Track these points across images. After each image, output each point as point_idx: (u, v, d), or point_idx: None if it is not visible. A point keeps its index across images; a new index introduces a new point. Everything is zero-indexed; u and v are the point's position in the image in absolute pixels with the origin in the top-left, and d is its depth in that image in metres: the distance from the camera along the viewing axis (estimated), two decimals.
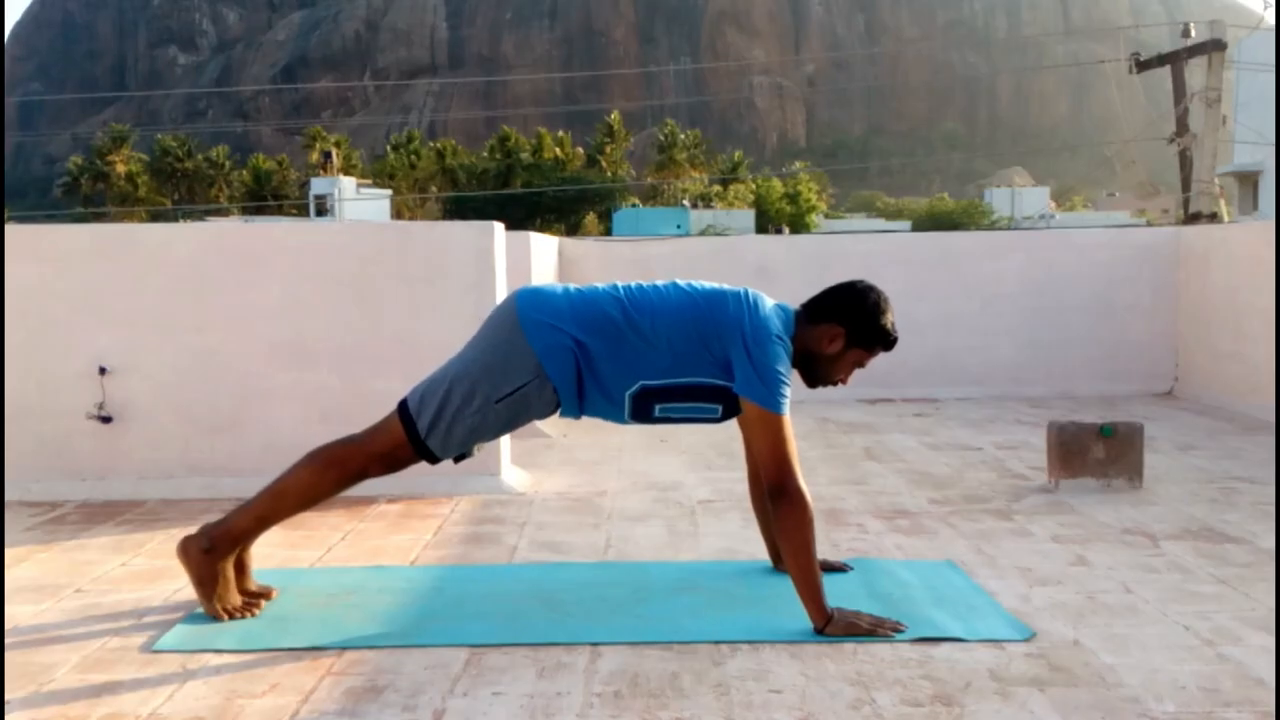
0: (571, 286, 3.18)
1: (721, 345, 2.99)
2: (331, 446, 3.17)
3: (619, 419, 3.15)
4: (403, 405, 3.11)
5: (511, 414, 3.07)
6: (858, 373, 3.26)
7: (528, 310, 3.06)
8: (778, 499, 2.94)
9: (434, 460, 3.12)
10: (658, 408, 3.09)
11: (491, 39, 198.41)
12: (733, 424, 3.23)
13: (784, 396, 2.97)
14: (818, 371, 3.17)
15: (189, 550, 3.11)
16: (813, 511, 2.96)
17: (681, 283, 3.15)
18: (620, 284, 3.15)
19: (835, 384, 3.21)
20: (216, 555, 3.11)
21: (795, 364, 3.12)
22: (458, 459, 3.18)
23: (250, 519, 3.15)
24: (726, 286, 3.12)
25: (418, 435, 3.06)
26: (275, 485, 3.19)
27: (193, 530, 3.21)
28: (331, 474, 3.14)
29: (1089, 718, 2.40)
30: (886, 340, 3.15)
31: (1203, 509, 4.37)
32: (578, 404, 3.09)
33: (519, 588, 3.40)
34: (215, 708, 2.50)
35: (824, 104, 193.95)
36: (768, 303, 3.08)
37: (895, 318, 3.17)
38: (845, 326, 3.10)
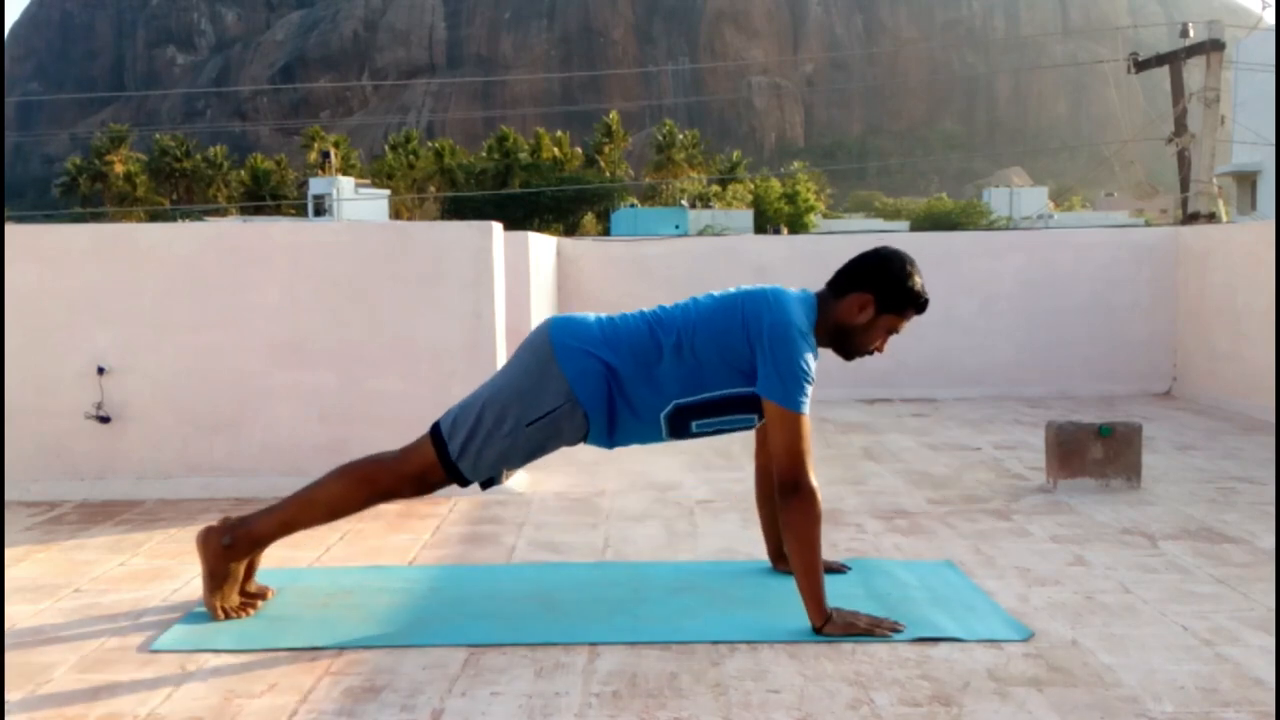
0: (603, 315, 3.20)
1: (748, 351, 3.00)
2: (364, 463, 3.16)
3: (656, 439, 3.16)
4: (435, 428, 3.13)
5: (542, 438, 3.09)
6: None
7: (561, 336, 3.09)
8: (790, 494, 2.93)
9: (464, 483, 3.13)
10: (694, 424, 3.11)
11: (490, 39, 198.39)
12: None
13: (804, 395, 2.97)
14: (851, 343, 3.16)
15: (208, 542, 3.12)
16: (822, 510, 2.96)
17: (704, 295, 3.16)
18: (647, 309, 3.19)
19: (870, 353, 3.21)
20: (234, 553, 3.12)
21: (827, 342, 3.13)
22: (485, 485, 3.19)
23: (274, 524, 3.16)
24: (748, 287, 3.12)
25: (449, 457, 3.08)
26: (304, 494, 3.18)
27: (212, 522, 3.21)
28: (362, 491, 3.14)
29: (1087, 718, 2.40)
30: (917, 302, 3.12)
31: (1201, 509, 4.37)
32: (608, 430, 3.10)
33: (517, 588, 3.40)
34: (213, 708, 2.50)
35: (822, 104, 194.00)
36: (790, 295, 3.07)
37: (923, 280, 3.15)
38: (874, 292, 3.09)
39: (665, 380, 3.04)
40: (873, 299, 3.09)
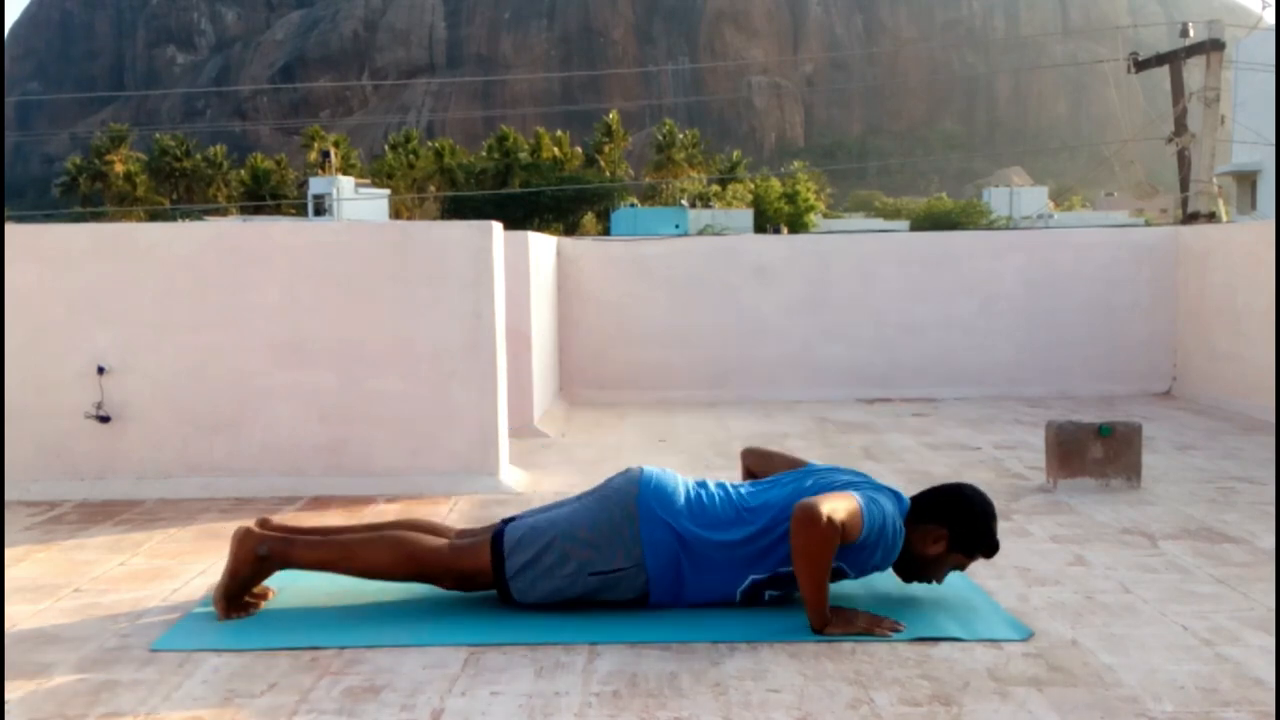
0: (692, 481, 3.20)
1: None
2: (419, 541, 3.16)
3: (726, 600, 3.14)
4: (498, 536, 3.12)
5: (599, 587, 3.09)
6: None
7: (647, 499, 3.09)
8: (810, 520, 2.87)
9: (507, 600, 3.11)
10: (767, 594, 3.14)
11: (490, 39, 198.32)
12: (731, 425, 3.23)
13: (866, 500, 2.98)
14: (914, 569, 3.18)
15: (245, 545, 3.12)
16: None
17: (799, 475, 3.18)
18: (731, 485, 3.20)
19: (929, 582, 3.21)
20: (264, 566, 3.14)
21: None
22: (525, 605, 3.14)
23: (312, 559, 3.17)
24: (843, 475, 3.14)
25: (503, 574, 3.08)
26: (352, 547, 3.18)
27: (251, 524, 3.20)
28: (407, 568, 3.15)
29: (1087, 717, 2.40)
30: (989, 549, 3.15)
31: (1201, 509, 4.37)
32: (673, 594, 3.10)
33: None
34: (213, 707, 2.50)
35: (822, 104, 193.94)
36: (883, 495, 3.08)
37: (997, 523, 3.17)
38: (950, 530, 3.11)
39: (744, 560, 3.06)
40: (947, 535, 3.11)
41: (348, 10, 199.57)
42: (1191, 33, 24.02)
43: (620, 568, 3.05)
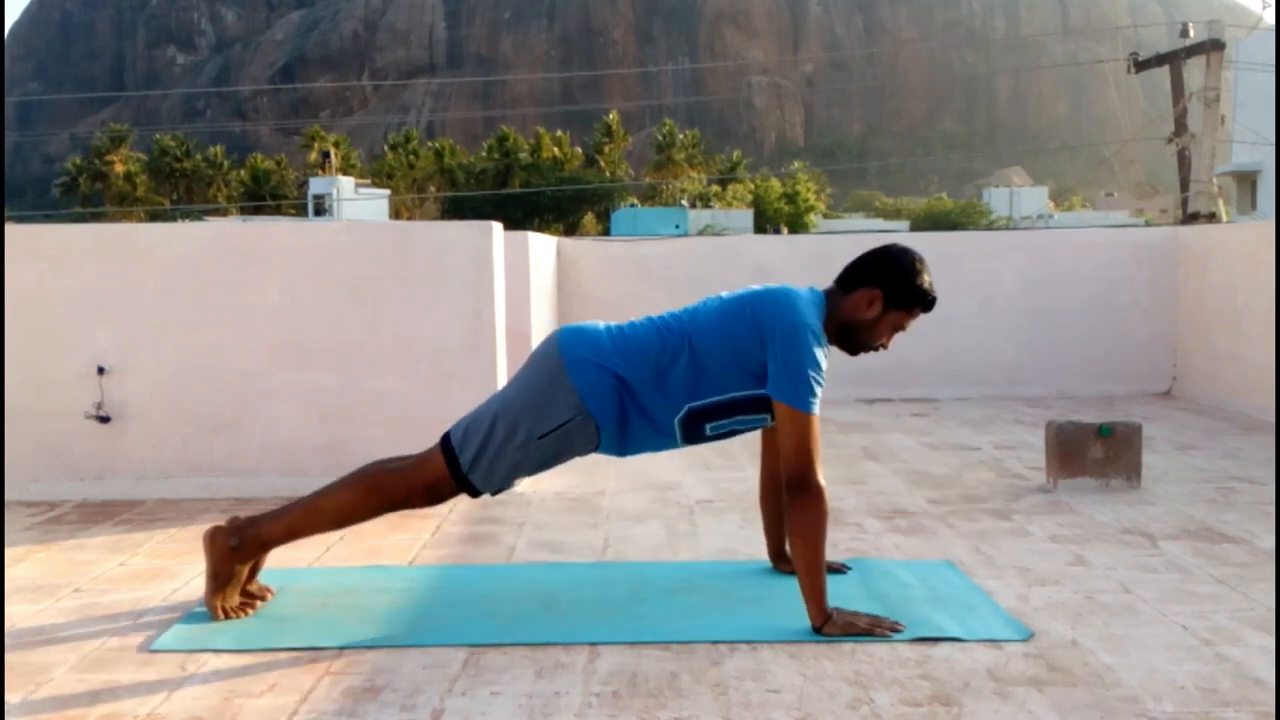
0: (613, 324, 3.19)
1: (759, 352, 2.99)
2: (376, 472, 3.15)
3: (670, 446, 3.15)
4: (445, 439, 3.13)
5: (554, 450, 3.08)
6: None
7: (570, 347, 3.08)
8: (797, 492, 2.92)
9: (475, 494, 3.13)
10: (708, 427, 3.10)
11: (490, 39, 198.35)
12: None
13: (814, 396, 2.97)
14: (858, 339, 3.16)
15: (215, 542, 3.12)
16: (828, 509, 2.96)
17: (713, 297, 3.15)
18: (656, 315, 3.17)
19: (876, 349, 3.20)
20: (240, 556, 3.12)
21: (834, 338, 3.12)
22: (495, 492, 3.18)
23: (282, 528, 3.16)
24: (757, 287, 3.11)
25: (460, 470, 3.07)
26: (314, 500, 3.18)
27: (219, 522, 3.20)
28: (372, 500, 3.14)
29: (1087, 718, 2.40)
30: (925, 299, 3.13)
31: (1201, 509, 4.38)
32: (619, 441, 3.10)
33: (517, 588, 3.40)
34: (213, 708, 2.50)
35: (822, 104, 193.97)
36: (800, 294, 3.06)
37: (931, 277, 3.14)
38: (882, 288, 3.09)
39: (677, 385, 3.03)
40: (881, 295, 3.09)
41: (348, 10, 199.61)
42: (1191, 33, 24.04)
43: (566, 420, 3.03)
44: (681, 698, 2.53)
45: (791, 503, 2.94)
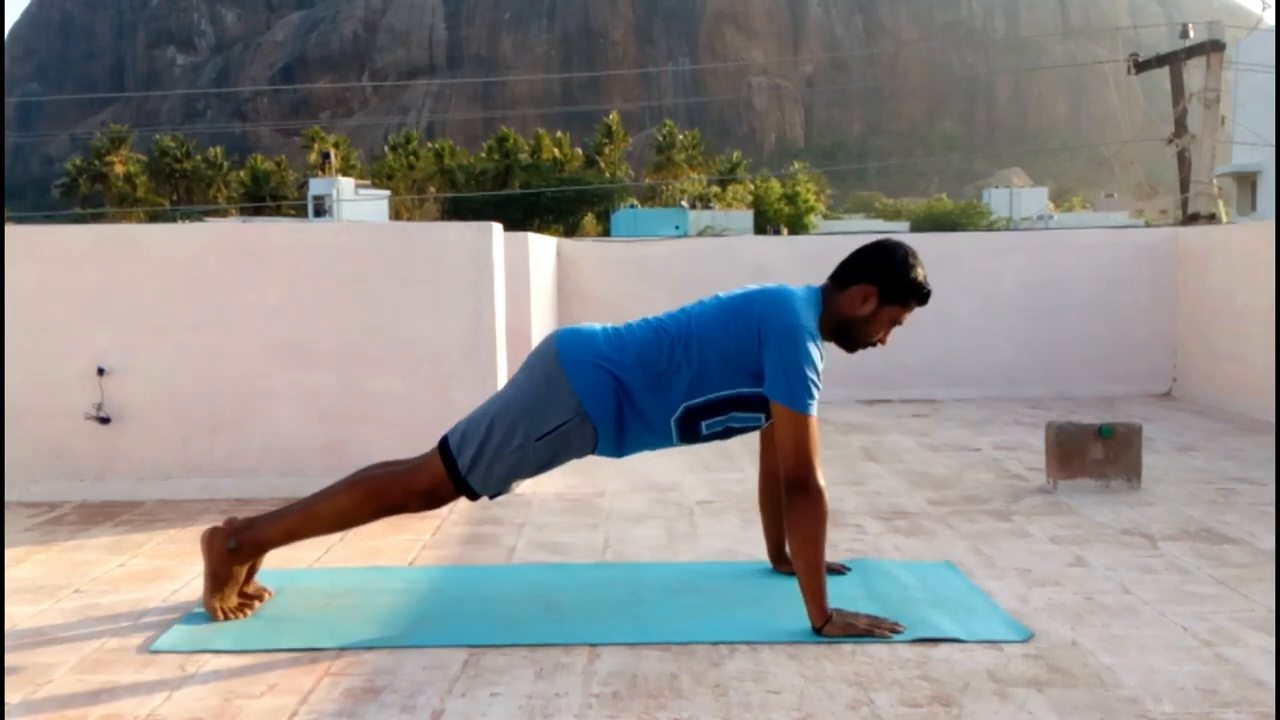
0: (610, 325, 3.19)
1: (756, 351, 2.99)
2: (374, 476, 3.16)
3: (666, 445, 3.15)
4: (443, 442, 3.13)
5: (551, 452, 3.08)
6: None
7: (568, 349, 3.09)
8: (796, 492, 2.92)
9: (474, 497, 3.13)
10: (704, 425, 3.10)
11: (490, 39, 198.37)
12: None
13: (811, 397, 2.95)
14: (854, 335, 3.15)
15: (213, 544, 3.12)
16: (828, 510, 2.96)
17: (710, 297, 3.16)
18: (653, 316, 3.18)
19: (874, 345, 3.20)
20: (238, 557, 3.12)
21: (830, 335, 3.12)
22: (494, 495, 3.18)
23: (280, 530, 3.16)
24: (754, 287, 3.12)
25: (458, 473, 3.08)
26: (312, 503, 3.18)
27: (217, 523, 3.21)
28: (370, 504, 3.14)
29: (1087, 718, 2.40)
30: (919, 293, 3.12)
31: (1201, 510, 4.37)
32: (617, 441, 3.10)
33: (517, 588, 3.40)
34: (213, 708, 2.50)
35: (822, 104, 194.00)
36: (796, 293, 3.06)
37: (925, 271, 3.15)
38: (876, 284, 3.09)
39: (673, 385, 3.04)
40: (875, 290, 3.09)
41: (348, 11, 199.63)
42: (1191, 34, 24.04)
43: (563, 421, 3.03)
44: (681, 699, 2.53)
45: (790, 504, 2.94)
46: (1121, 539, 3.93)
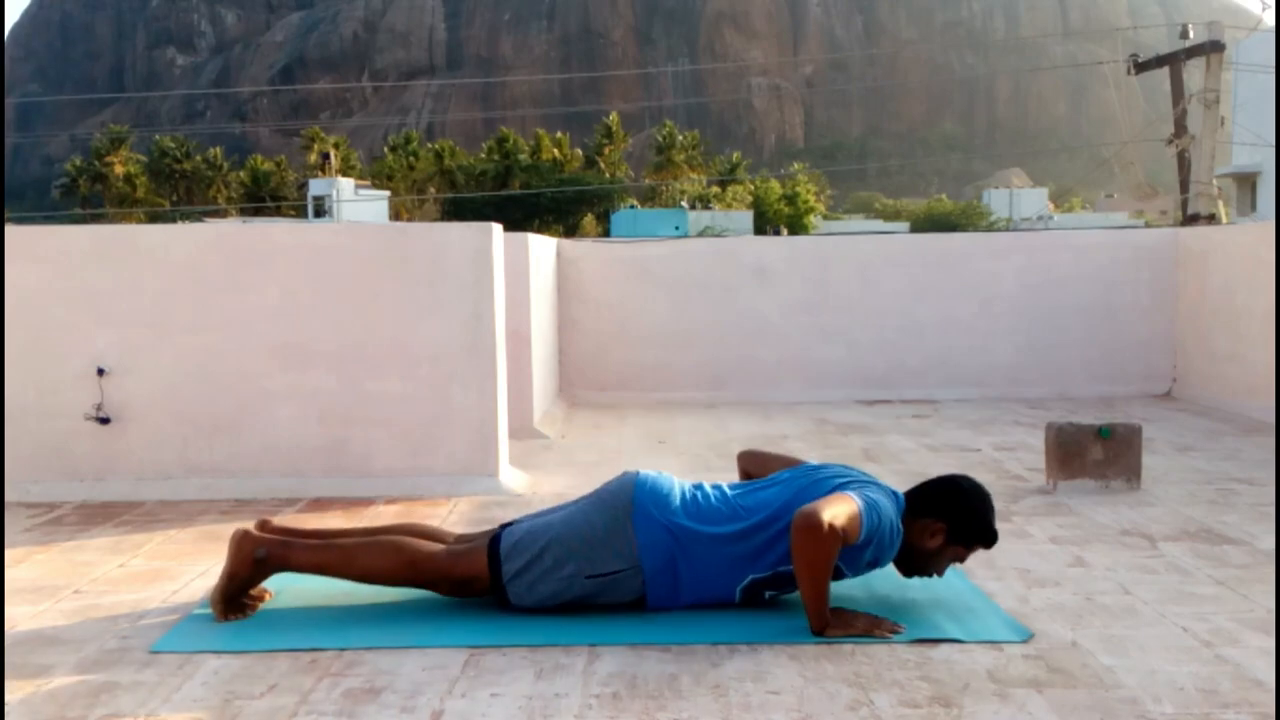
0: (688, 484, 3.20)
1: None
2: (418, 547, 3.15)
3: (725, 600, 3.14)
4: (494, 541, 3.12)
5: (596, 590, 3.09)
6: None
7: (642, 500, 3.09)
8: (812, 529, 2.86)
9: (506, 605, 3.11)
10: (767, 593, 3.14)
11: (490, 40, 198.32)
12: (730, 427, 3.23)
13: (868, 508, 2.95)
14: (914, 563, 3.18)
15: (242, 547, 3.12)
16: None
17: (795, 473, 3.18)
18: (728, 486, 3.20)
19: (929, 575, 3.21)
20: (262, 568, 3.13)
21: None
22: (526, 609, 3.13)
23: (311, 560, 3.16)
24: (839, 475, 3.13)
25: (500, 578, 3.08)
26: (351, 549, 3.17)
27: (250, 526, 3.21)
28: (404, 573, 3.15)
29: (1087, 719, 2.40)
30: (987, 540, 3.15)
31: (1201, 510, 4.37)
32: (668, 599, 3.10)
33: None
34: (213, 709, 2.50)
35: (822, 105, 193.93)
36: (885, 489, 3.10)
37: (996, 517, 3.18)
38: (947, 522, 3.12)
39: (742, 559, 3.06)
40: (944, 528, 3.12)
41: (348, 11, 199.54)
42: (1191, 34, 24.02)
43: (617, 570, 3.05)
44: (681, 699, 2.53)
45: (804, 536, 2.88)
46: (1121, 539, 3.93)
